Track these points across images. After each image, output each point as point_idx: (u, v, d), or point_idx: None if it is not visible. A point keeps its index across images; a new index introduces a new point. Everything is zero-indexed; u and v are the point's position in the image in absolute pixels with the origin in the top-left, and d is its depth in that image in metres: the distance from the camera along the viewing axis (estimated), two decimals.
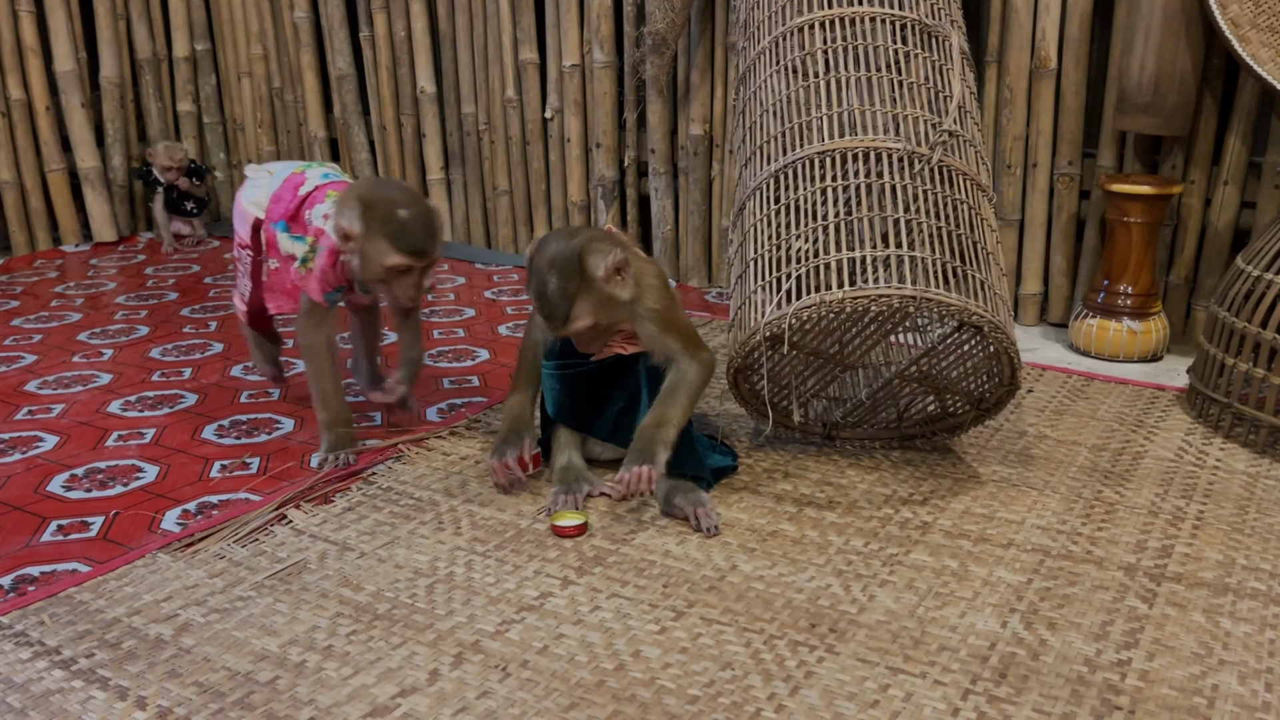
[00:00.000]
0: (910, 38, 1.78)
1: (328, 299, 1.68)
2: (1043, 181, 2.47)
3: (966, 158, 1.69)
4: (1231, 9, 2.08)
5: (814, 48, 1.77)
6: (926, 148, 1.63)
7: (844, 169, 1.63)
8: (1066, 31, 2.36)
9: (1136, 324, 2.25)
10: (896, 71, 1.73)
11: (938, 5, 1.85)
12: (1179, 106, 2.19)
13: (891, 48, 1.76)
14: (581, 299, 1.45)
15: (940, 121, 1.67)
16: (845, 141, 1.65)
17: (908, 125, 1.67)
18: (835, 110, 1.69)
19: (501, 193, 3.22)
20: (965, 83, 1.77)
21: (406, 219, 1.54)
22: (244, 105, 3.63)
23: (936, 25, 1.80)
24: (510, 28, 3.04)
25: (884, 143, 1.63)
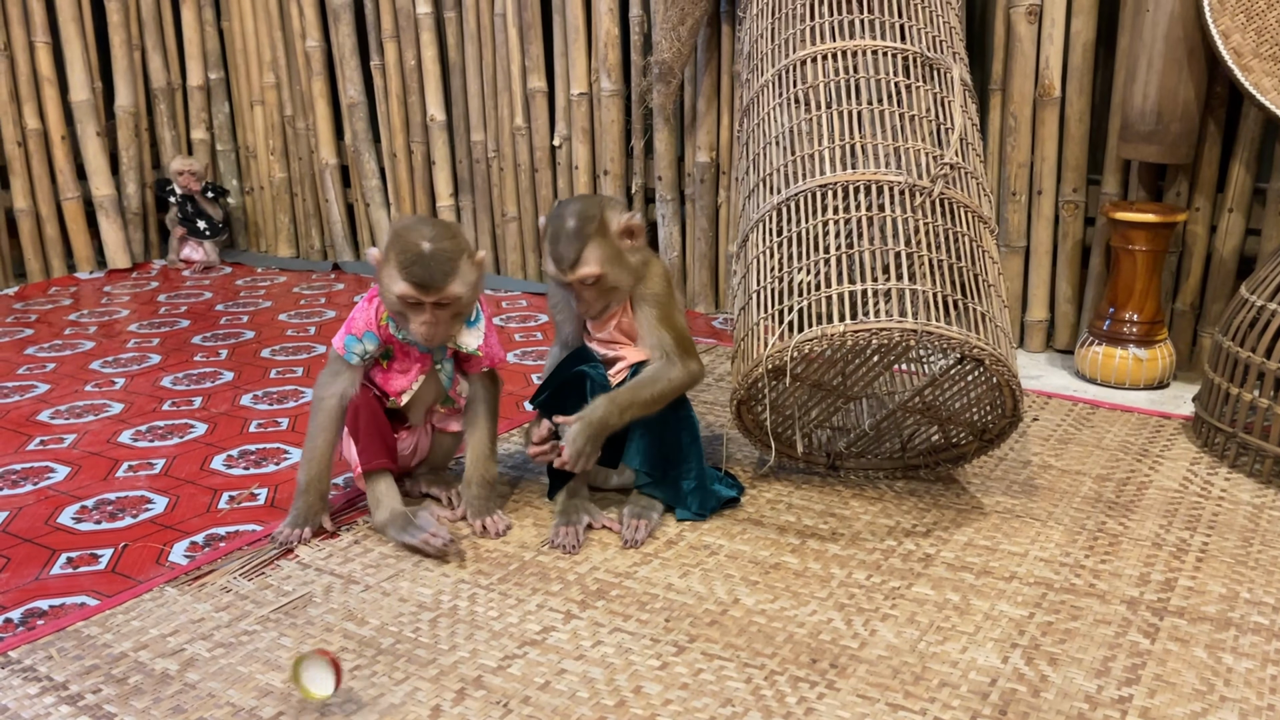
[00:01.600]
0: (913, 70, 1.80)
1: (347, 344, 1.58)
2: (1048, 209, 2.48)
3: (968, 189, 1.70)
4: (1234, 38, 2.09)
5: (817, 80, 1.79)
6: (928, 180, 1.64)
7: (846, 201, 1.65)
8: (1070, 60, 2.38)
9: (1142, 351, 2.25)
10: (899, 104, 1.74)
11: (940, 37, 1.87)
12: (1182, 134, 2.20)
13: (894, 80, 1.77)
14: (594, 244, 1.53)
15: (942, 154, 1.69)
16: (848, 174, 1.66)
17: (909, 158, 1.68)
18: (838, 143, 1.70)
19: (510, 219, 3.25)
20: (967, 114, 1.79)
21: (420, 251, 1.47)
22: (256, 133, 3.67)
23: (938, 58, 1.81)
24: (519, 57, 3.08)
25: (886, 175, 1.64)
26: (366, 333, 1.58)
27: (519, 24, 3.04)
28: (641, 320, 1.63)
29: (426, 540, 1.51)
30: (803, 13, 1.88)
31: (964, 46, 1.99)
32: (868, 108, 1.74)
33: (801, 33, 1.87)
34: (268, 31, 3.53)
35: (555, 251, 1.55)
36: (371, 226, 3.51)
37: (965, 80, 1.84)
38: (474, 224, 3.34)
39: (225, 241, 3.70)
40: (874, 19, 1.84)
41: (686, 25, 2.70)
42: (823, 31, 1.84)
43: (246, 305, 3.07)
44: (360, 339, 1.58)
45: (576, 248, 1.53)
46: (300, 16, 3.42)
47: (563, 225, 1.54)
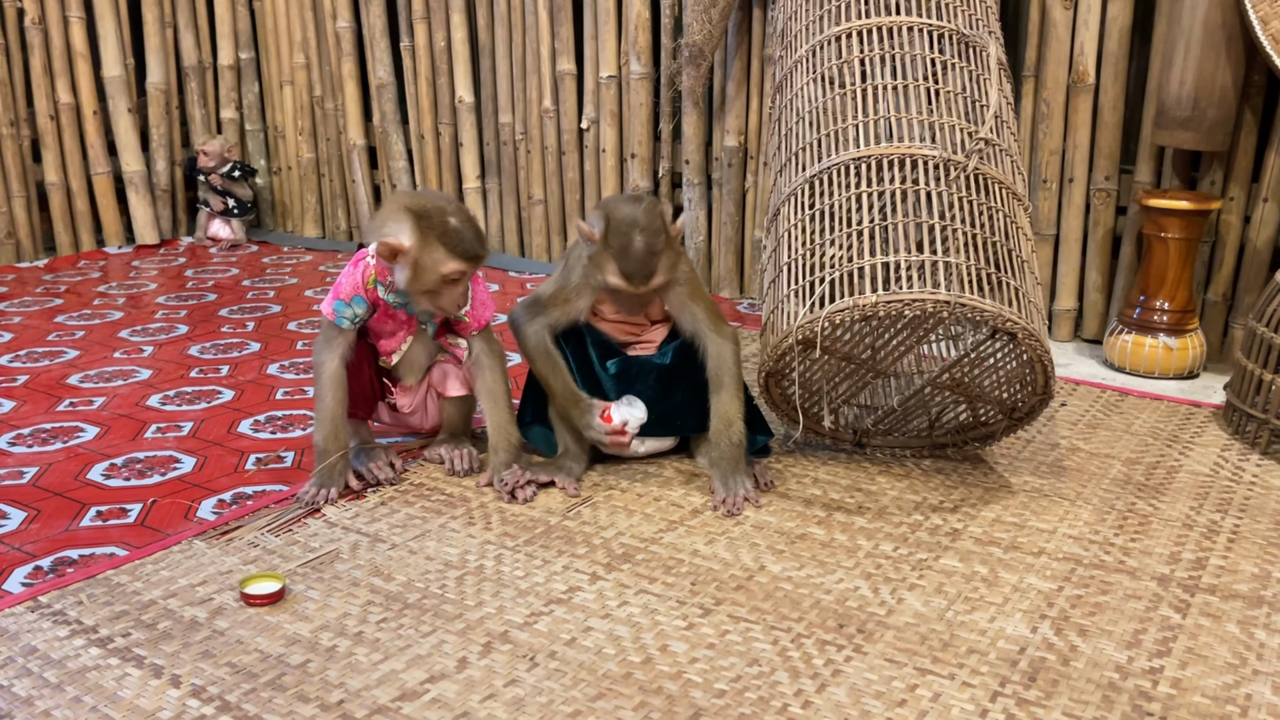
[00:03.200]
0: (948, 48, 1.79)
1: (336, 310, 1.58)
2: (1079, 197, 2.46)
3: (1003, 166, 1.69)
4: (1273, 25, 2.07)
5: (850, 56, 1.78)
6: (963, 155, 1.63)
7: (879, 176, 1.64)
8: (1105, 46, 2.36)
9: (1173, 340, 2.23)
10: (933, 80, 1.74)
11: (975, 16, 1.86)
12: (1219, 121, 2.18)
13: (929, 57, 1.76)
14: (663, 257, 1.58)
15: (976, 130, 1.68)
16: (881, 148, 1.65)
17: (944, 133, 1.67)
18: (871, 118, 1.70)
19: (536, 202, 3.25)
20: (1002, 92, 1.77)
21: (458, 226, 1.53)
22: (285, 113, 3.69)
23: (974, 35, 1.80)
24: (549, 39, 3.08)
25: (920, 150, 1.63)
26: (355, 297, 1.60)
27: (549, 6, 3.05)
28: (675, 300, 1.68)
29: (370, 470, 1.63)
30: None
31: (1000, 27, 1.97)
32: (902, 83, 1.73)
33: (836, 9, 1.86)
34: (299, 12, 3.54)
35: (627, 268, 1.56)
36: None
37: (1001, 58, 1.82)
38: (500, 206, 3.35)
39: (252, 221, 3.71)
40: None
41: (718, 8, 2.69)
42: (858, 7, 1.83)
43: (273, 281, 3.08)
44: (349, 303, 1.60)
45: (652, 264, 1.57)
46: None
47: (633, 244, 1.55)
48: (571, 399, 1.64)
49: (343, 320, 1.59)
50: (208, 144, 3.53)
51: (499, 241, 3.38)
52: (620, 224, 1.56)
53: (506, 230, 3.36)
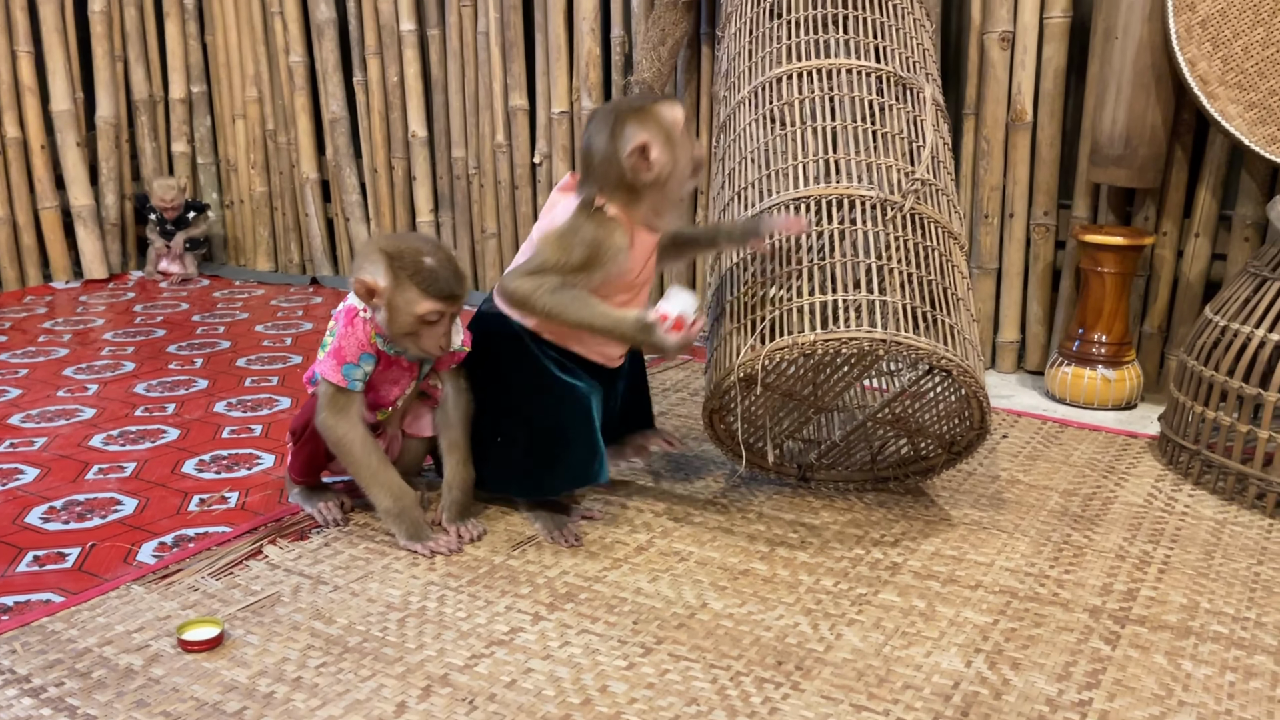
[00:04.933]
0: (887, 90, 1.83)
1: (346, 374, 1.54)
2: (1019, 231, 2.51)
3: (939, 206, 1.73)
4: (1200, 66, 2.14)
5: (792, 97, 1.82)
6: (900, 195, 1.67)
7: (819, 215, 1.67)
8: (1041, 86, 2.42)
9: (1110, 372, 2.29)
10: (872, 122, 1.78)
11: (913, 59, 1.91)
12: (1150, 160, 2.24)
13: (868, 99, 1.81)
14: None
15: (913, 170, 1.72)
16: (820, 189, 1.69)
17: (882, 174, 1.71)
18: (812, 158, 1.73)
19: (490, 235, 3.27)
20: (939, 133, 1.82)
21: (434, 265, 1.50)
22: (238, 146, 3.68)
23: (911, 78, 1.85)
24: (501, 75, 3.10)
25: (859, 190, 1.67)
26: (363, 355, 1.55)
27: (501, 42, 3.08)
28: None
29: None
30: (780, 32, 1.92)
31: (937, 69, 2.03)
32: (842, 125, 1.77)
33: (778, 51, 1.90)
34: (251, 46, 3.55)
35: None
36: (351, 241, 3.52)
37: (938, 100, 1.87)
38: (454, 239, 3.36)
39: (204, 255, 3.69)
40: (850, 39, 1.88)
41: (667, 45, 2.74)
42: (799, 50, 1.88)
43: (223, 316, 3.06)
44: (358, 364, 1.55)
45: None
46: (284, 32, 3.44)
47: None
48: (624, 322, 1.54)
49: (355, 384, 1.55)
50: (166, 193, 3.49)
51: None
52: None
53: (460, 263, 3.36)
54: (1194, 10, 2.13)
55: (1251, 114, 2.12)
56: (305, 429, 1.64)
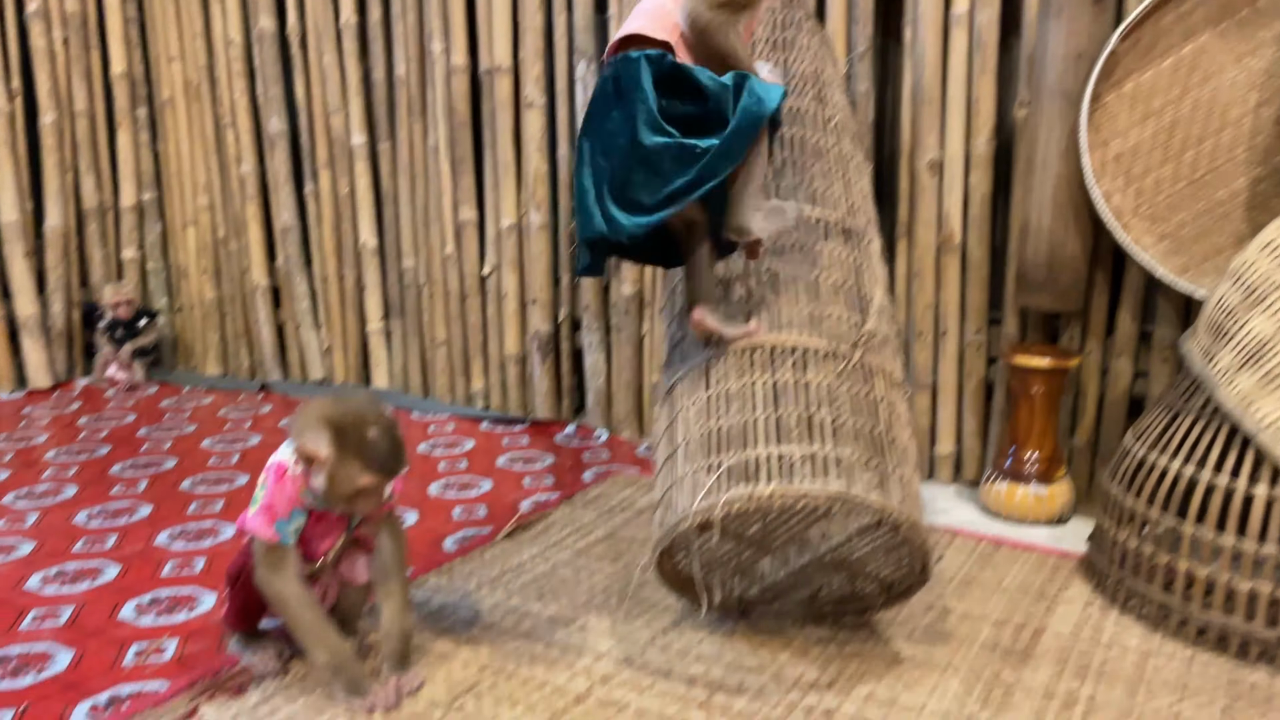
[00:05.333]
0: (833, 236, 1.91)
1: (279, 530, 1.55)
2: (952, 348, 2.60)
3: (884, 355, 1.80)
4: (1115, 199, 2.25)
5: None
6: (848, 347, 1.73)
7: (772, 363, 1.72)
8: (969, 211, 2.52)
9: (1042, 489, 2.35)
10: (820, 269, 1.85)
11: (856, 204, 1.99)
12: (1071, 285, 2.34)
13: (816, 247, 1.88)
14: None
15: (862, 322, 1.78)
16: (772, 338, 1.74)
17: (831, 324, 1.77)
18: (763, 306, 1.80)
19: (439, 344, 3.30)
20: (882, 282, 1.90)
21: (376, 438, 1.53)
22: (188, 252, 3.70)
23: (856, 226, 1.93)
24: (450, 188, 3.17)
25: (810, 341, 1.73)
26: (294, 511, 1.57)
27: (451, 158, 3.14)
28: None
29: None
30: None
31: (874, 209, 2.11)
32: (791, 273, 1.83)
33: None
34: (203, 155, 3.58)
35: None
36: (301, 347, 3.53)
37: (879, 248, 1.96)
38: (404, 347, 3.38)
39: (152, 360, 3.68)
40: (796, 184, 1.96)
41: None
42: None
43: (170, 429, 3.05)
44: (289, 519, 1.57)
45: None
46: (236, 142, 3.49)
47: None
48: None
49: (288, 539, 1.56)
50: (125, 293, 3.51)
51: (402, 382, 3.41)
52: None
53: (410, 371, 3.39)
54: (1107, 147, 2.25)
55: (1164, 245, 2.23)
56: (240, 575, 1.64)
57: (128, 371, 3.55)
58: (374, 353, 3.43)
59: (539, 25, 2.94)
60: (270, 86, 3.38)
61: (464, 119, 3.10)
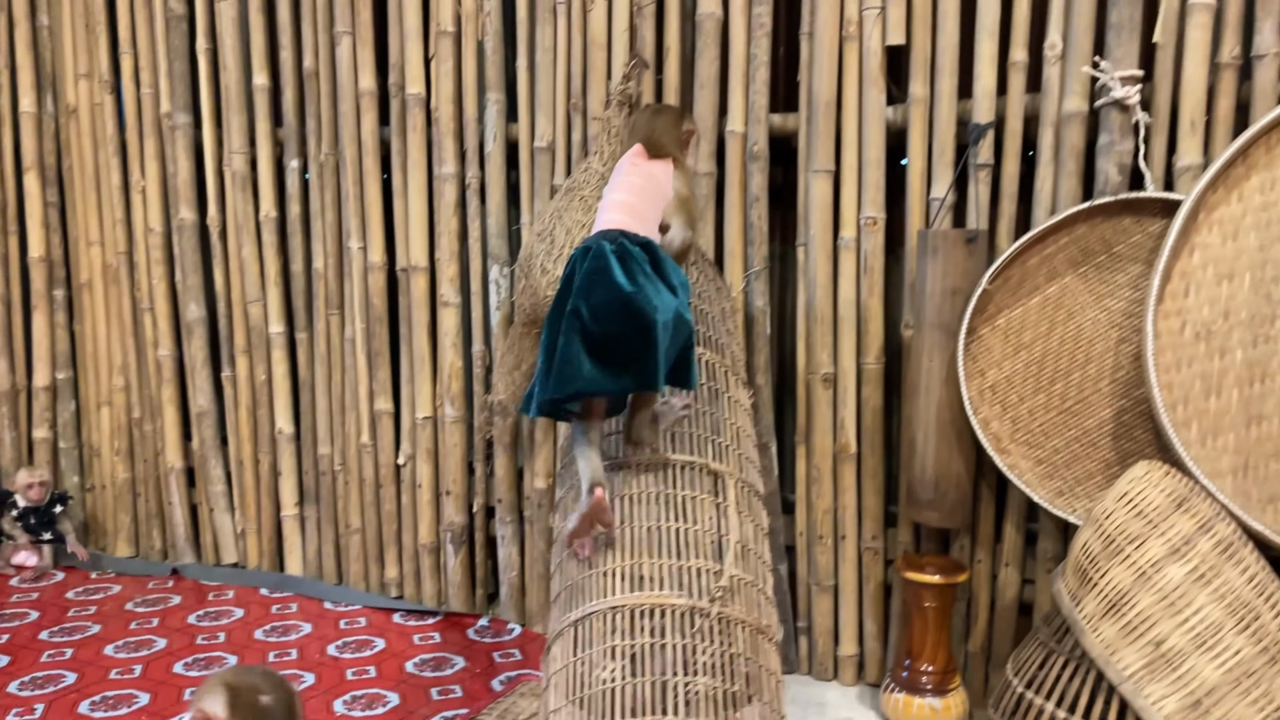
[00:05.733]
0: (697, 482, 1.99)
1: None
2: (851, 552, 2.68)
3: (748, 601, 1.86)
4: (993, 425, 2.38)
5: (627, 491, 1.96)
6: (706, 601, 1.80)
7: (632, 625, 1.77)
8: (863, 422, 2.64)
9: (937, 701, 2.42)
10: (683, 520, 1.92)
11: (726, 443, 2.08)
12: (957, 503, 2.45)
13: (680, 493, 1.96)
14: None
15: (720, 570, 1.85)
16: (633, 598, 1.80)
17: (690, 576, 1.84)
18: (627, 562, 1.86)
19: (354, 531, 3.31)
20: (755, 524, 1.97)
21: (269, 704, 1.66)
22: (102, 433, 3.68)
23: (721, 468, 2.01)
24: (367, 380, 3.22)
25: (668, 599, 1.79)
26: None
27: (368, 350, 3.20)
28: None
29: None
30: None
31: (753, 445, 2.21)
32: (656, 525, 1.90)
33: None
34: (120, 338, 3.60)
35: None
36: (215, 530, 3.51)
37: (751, 483, 2.04)
38: (318, 534, 3.38)
39: (62, 545, 3.62)
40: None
41: (522, 369, 2.90)
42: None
43: (73, 630, 3.00)
44: None
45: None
46: (154, 327, 3.51)
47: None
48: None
49: None
50: (39, 475, 3.49)
51: (316, 569, 3.40)
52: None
53: (324, 557, 3.39)
54: (984, 376, 2.39)
55: (1040, 469, 2.36)
56: None
57: (36, 555, 3.49)
58: (288, 538, 3.43)
59: (454, 229, 3.05)
60: (189, 275, 3.43)
61: (380, 314, 3.17)
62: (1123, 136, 2.28)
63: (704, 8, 2.66)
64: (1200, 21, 2.23)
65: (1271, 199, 2.13)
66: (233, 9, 3.24)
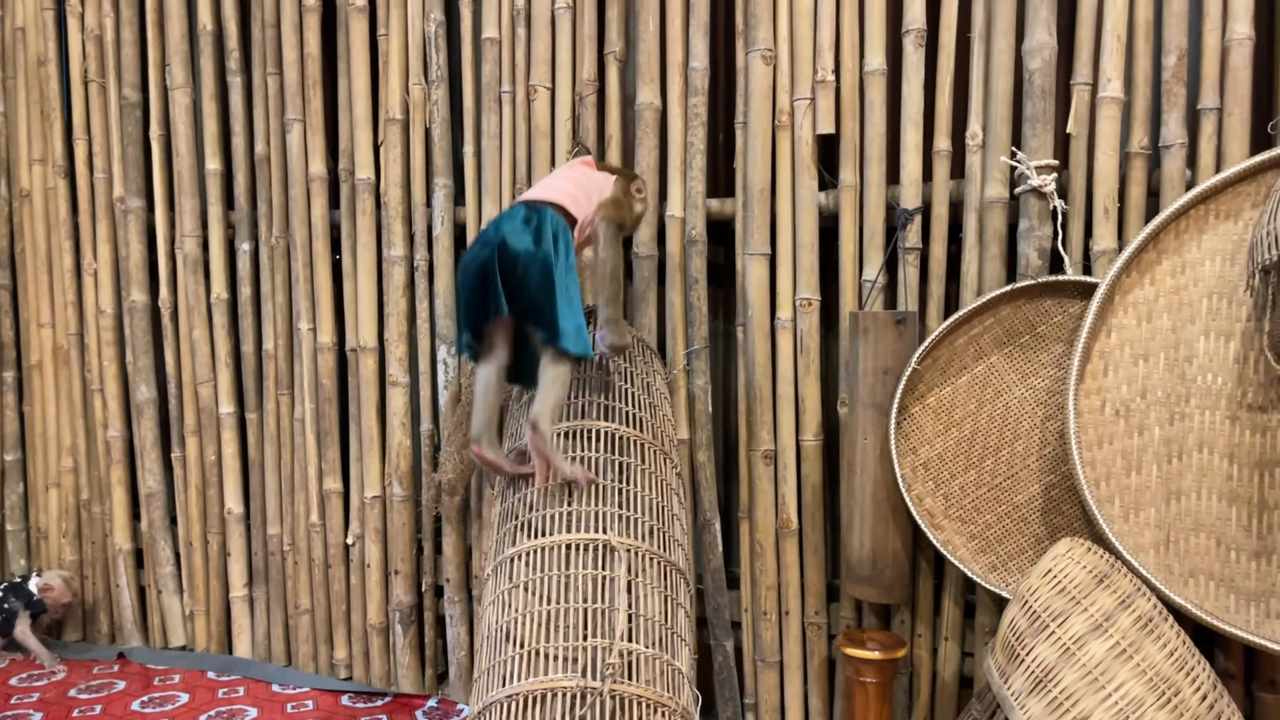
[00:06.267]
0: (602, 559, 2.02)
1: None
2: (795, 628, 2.71)
3: (654, 676, 1.88)
4: (926, 502, 2.43)
5: (520, 579, 1.99)
6: (598, 682, 1.82)
7: (525, 711, 1.80)
8: (803, 498, 2.69)
9: None
10: (589, 600, 1.94)
11: (637, 518, 2.11)
12: (895, 579, 2.49)
13: (583, 574, 1.98)
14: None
15: (610, 647, 1.87)
16: (526, 684, 1.82)
17: (589, 655, 1.86)
18: (517, 650, 1.88)
19: (303, 611, 3.29)
20: (665, 593, 2.00)
21: None
22: (50, 515, 3.65)
23: (623, 542, 2.04)
24: (316, 459, 3.23)
25: (559, 682, 1.81)
26: None
27: (317, 430, 3.22)
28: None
29: None
30: (520, 508, 2.13)
31: (674, 517, 2.24)
32: (558, 607, 1.93)
33: (514, 529, 2.10)
34: (69, 419, 3.59)
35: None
36: (163, 613, 3.48)
37: (664, 559, 2.07)
38: (267, 614, 3.36)
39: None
40: (587, 511, 2.08)
41: (469, 448, 2.92)
42: (542, 526, 2.07)
43: None
44: None
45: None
46: (104, 408, 3.51)
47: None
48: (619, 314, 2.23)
49: None
50: (70, 584, 3.46)
51: (265, 650, 3.38)
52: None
53: (274, 639, 3.36)
54: (916, 454, 2.45)
55: (973, 544, 2.41)
56: None
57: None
58: (237, 619, 3.40)
59: (403, 309, 3.09)
60: (140, 356, 3.44)
61: (330, 394, 3.20)
62: (1041, 222, 2.37)
63: (643, 98, 2.75)
64: (1110, 114, 2.34)
65: (1182, 282, 2.22)
66: (186, 97, 3.30)
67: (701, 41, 2.70)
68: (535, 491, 2.13)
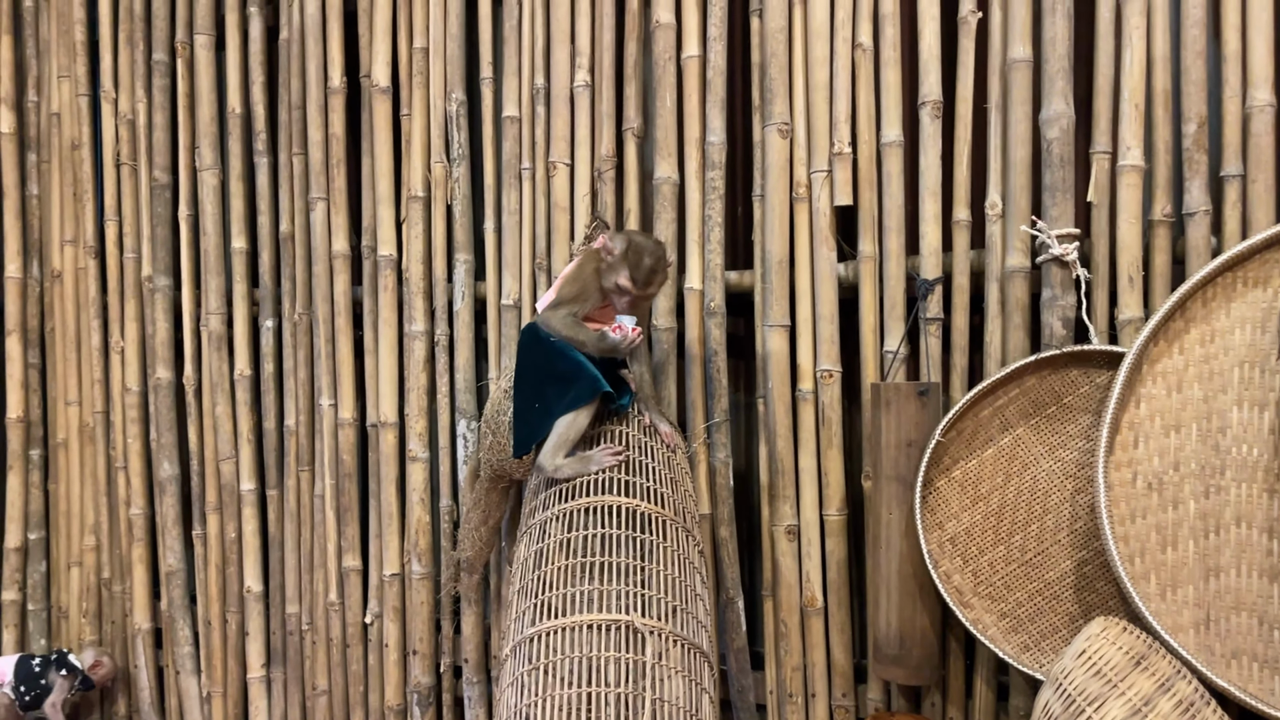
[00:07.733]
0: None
1: None
2: (821, 711, 2.62)
3: None
4: (955, 579, 2.36)
5: (550, 658, 1.94)
6: None
7: None
8: (828, 575, 2.62)
9: None
10: (600, 683, 1.89)
11: (656, 596, 2.06)
12: (924, 659, 2.40)
13: (603, 656, 1.93)
14: (660, 275, 2.27)
15: None
16: None
17: None
18: None
19: (320, 693, 3.23)
20: (687, 676, 1.94)
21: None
22: (71, 594, 3.64)
23: (646, 623, 1.99)
24: (335, 536, 3.20)
25: None
26: None
27: (336, 506, 3.20)
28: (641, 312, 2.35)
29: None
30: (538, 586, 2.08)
31: (695, 595, 2.18)
32: (577, 691, 1.87)
33: (547, 601, 2.04)
34: (93, 497, 3.60)
35: (641, 274, 2.21)
36: (180, 694, 3.43)
37: (686, 640, 2.01)
38: (284, 696, 3.30)
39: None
40: (612, 590, 2.03)
41: (488, 525, 2.89)
42: (561, 605, 2.02)
43: None
44: None
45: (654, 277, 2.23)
46: (127, 485, 3.52)
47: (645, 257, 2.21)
48: (596, 335, 2.25)
49: None
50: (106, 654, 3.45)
51: None
52: (637, 246, 2.21)
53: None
54: (943, 529, 2.38)
55: (1005, 623, 2.32)
56: None
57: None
58: (254, 701, 3.34)
59: (423, 384, 3.09)
60: (164, 433, 3.45)
61: (350, 469, 3.18)
62: (1064, 291, 2.33)
63: (661, 172, 2.76)
64: (1131, 182, 2.31)
65: (1212, 351, 2.17)
66: (214, 178, 3.36)
67: (718, 116, 2.71)
68: (554, 569, 2.08)
